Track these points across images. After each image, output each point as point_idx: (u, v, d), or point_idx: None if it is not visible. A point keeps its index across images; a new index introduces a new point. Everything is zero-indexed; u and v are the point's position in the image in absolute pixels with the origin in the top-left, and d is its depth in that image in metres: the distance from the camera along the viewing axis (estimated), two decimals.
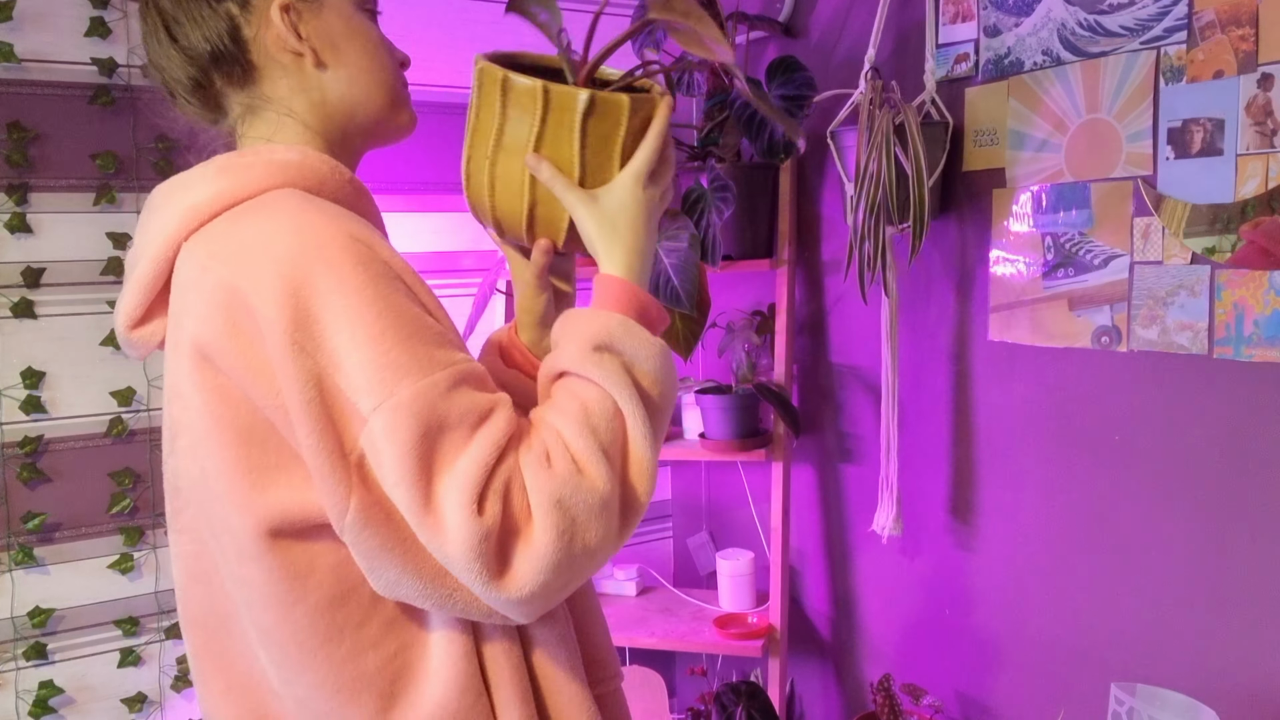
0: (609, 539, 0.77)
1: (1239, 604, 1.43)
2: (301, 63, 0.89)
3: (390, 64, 0.94)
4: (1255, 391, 1.39)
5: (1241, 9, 1.37)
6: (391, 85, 0.93)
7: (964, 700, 1.85)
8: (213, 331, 0.78)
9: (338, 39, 0.90)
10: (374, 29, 0.93)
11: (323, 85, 0.90)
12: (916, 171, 1.62)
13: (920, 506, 1.90)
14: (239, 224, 0.81)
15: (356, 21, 0.91)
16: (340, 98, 0.91)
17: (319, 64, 0.89)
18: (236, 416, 0.79)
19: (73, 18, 1.80)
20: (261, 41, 0.88)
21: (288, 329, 0.74)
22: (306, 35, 0.88)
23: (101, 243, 1.84)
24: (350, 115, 0.92)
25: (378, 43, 0.93)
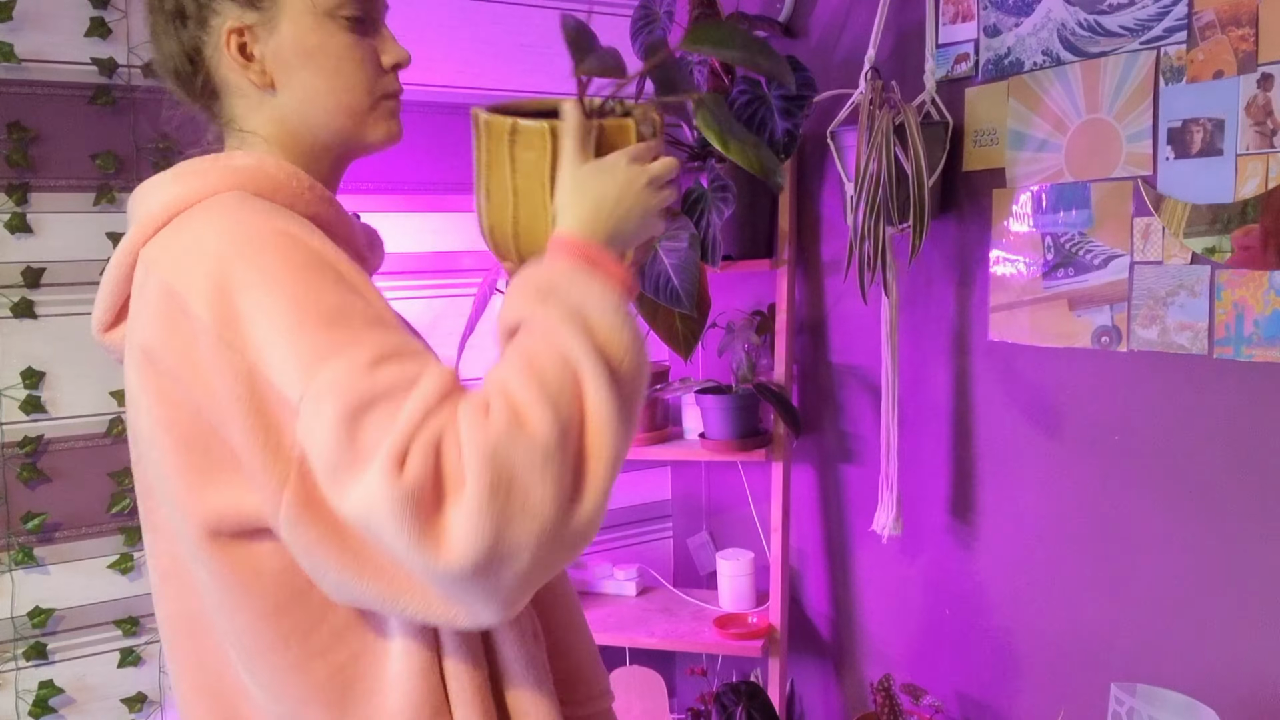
0: (558, 502, 0.68)
1: (1239, 604, 1.43)
2: (257, 89, 0.88)
3: (357, 80, 0.89)
4: (1255, 391, 1.40)
5: (1241, 9, 1.37)
6: (353, 105, 0.89)
7: (964, 700, 1.85)
8: (155, 334, 0.78)
9: (292, 59, 0.87)
10: (341, 42, 0.88)
11: (278, 106, 0.88)
12: (916, 171, 1.62)
13: (920, 506, 1.90)
14: (180, 228, 0.81)
15: (317, 38, 0.87)
16: (300, 119, 0.89)
17: (268, 86, 0.87)
18: (179, 419, 0.78)
19: (73, 18, 1.80)
20: (218, 63, 0.88)
21: (216, 327, 0.73)
22: (260, 56, 0.87)
23: (101, 243, 1.84)
24: (313, 134, 0.90)
25: (341, 58, 0.88)
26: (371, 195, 2.05)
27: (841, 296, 2.04)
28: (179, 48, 0.88)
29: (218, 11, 0.86)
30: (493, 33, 2.23)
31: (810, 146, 2.05)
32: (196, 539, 0.79)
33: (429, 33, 2.14)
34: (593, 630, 2.21)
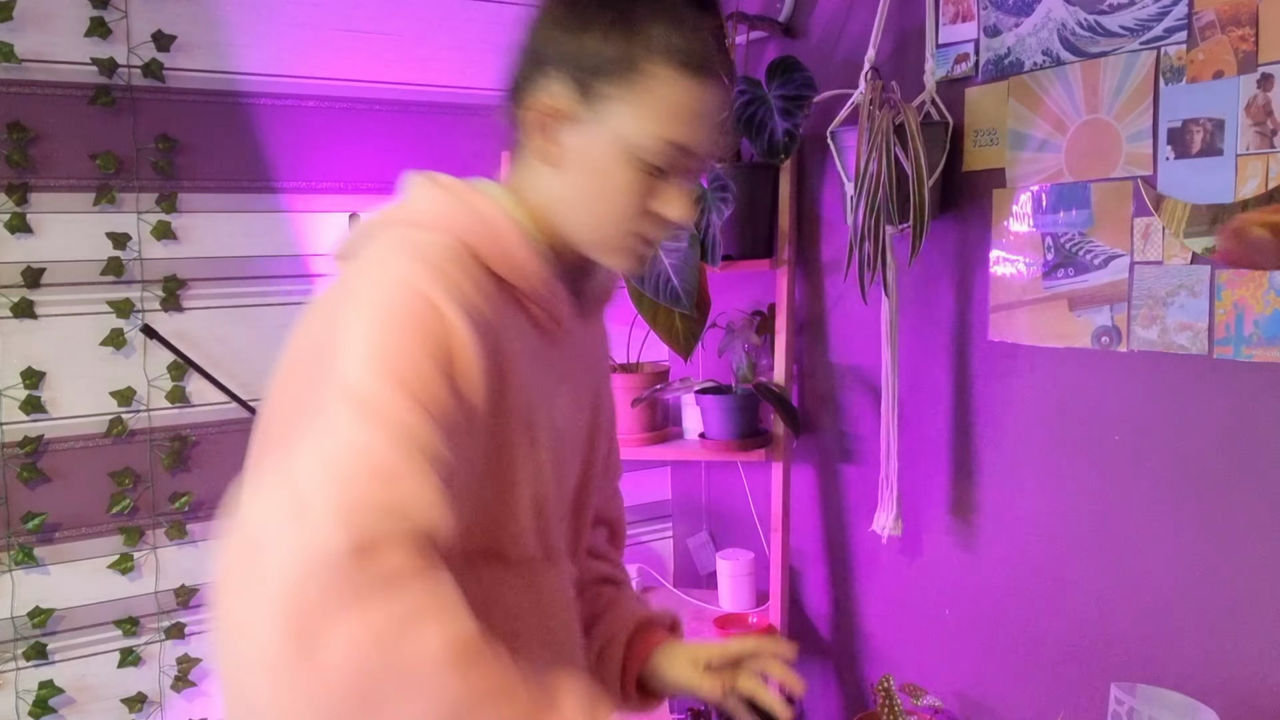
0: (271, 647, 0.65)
1: (1239, 603, 1.43)
2: (540, 153, 0.89)
3: (617, 215, 0.89)
4: (1255, 391, 1.40)
5: (1241, 9, 1.37)
6: (599, 232, 0.90)
7: (964, 700, 1.85)
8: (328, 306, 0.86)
9: (577, 161, 0.88)
10: (625, 178, 0.87)
11: (547, 180, 0.90)
12: (916, 171, 1.62)
13: (920, 506, 1.90)
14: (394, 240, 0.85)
15: (610, 164, 0.87)
16: (553, 202, 0.90)
17: (551, 165, 0.89)
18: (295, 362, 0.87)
19: (73, 18, 1.80)
20: (527, 114, 0.89)
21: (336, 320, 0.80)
22: (556, 139, 0.88)
23: (101, 243, 1.84)
24: (558, 221, 0.91)
25: (615, 191, 0.87)
26: (372, 195, 2.05)
27: (841, 296, 2.04)
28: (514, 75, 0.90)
29: (550, 76, 0.87)
30: (493, 33, 2.23)
31: (810, 146, 2.05)
32: None
33: (429, 33, 2.14)
34: None
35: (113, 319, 1.85)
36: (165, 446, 1.90)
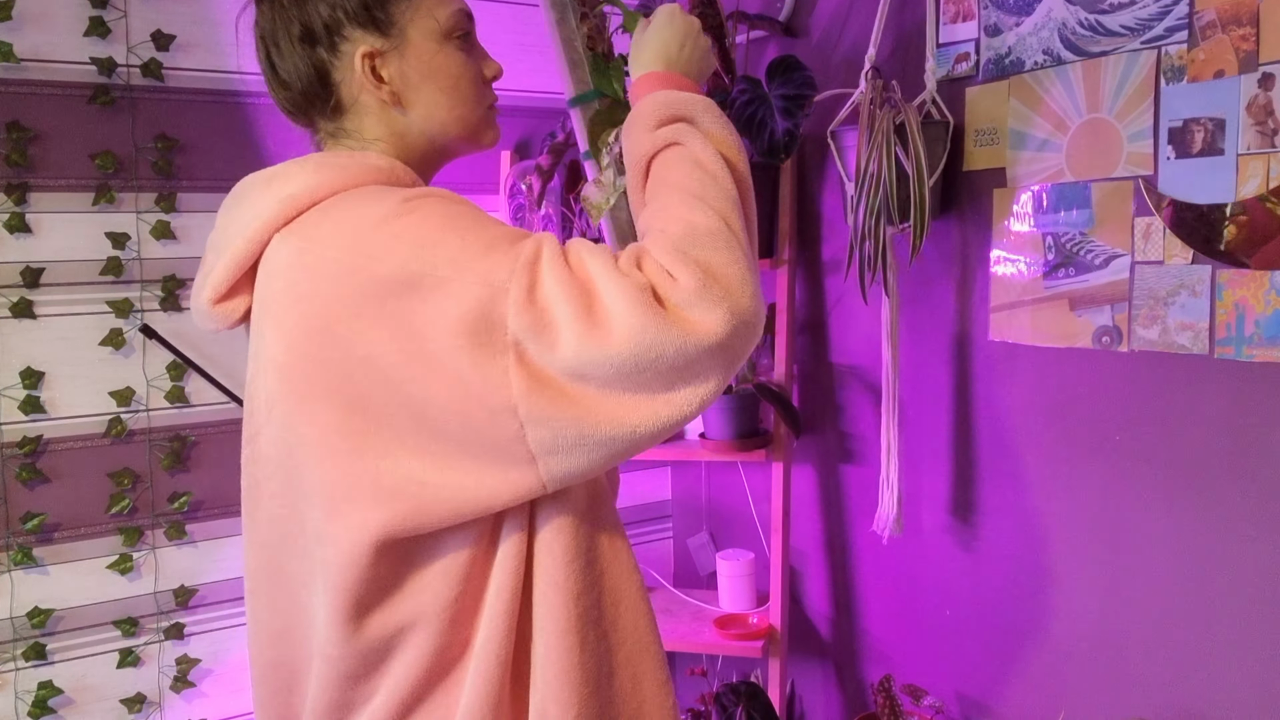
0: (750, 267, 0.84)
1: (1240, 604, 1.43)
2: (382, 102, 0.96)
3: (471, 94, 0.99)
4: (1256, 392, 1.39)
5: (1242, 8, 1.37)
6: (469, 117, 0.99)
7: (964, 700, 1.85)
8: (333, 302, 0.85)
9: (417, 80, 0.96)
10: (458, 59, 0.98)
11: (401, 120, 0.97)
12: (917, 171, 1.62)
13: (921, 506, 1.90)
14: (332, 212, 0.88)
15: (440, 58, 0.97)
16: (420, 132, 0.98)
17: (399, 105, 0.96)
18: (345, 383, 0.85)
19: (72, 17, 1.80)
20: (349, 84, 0.95)
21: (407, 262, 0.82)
22: (389, 78, 0.95)
23: (101, 242, 1.84)
24: (430, 143, 0.99)
25: (459, 75, 0.98)
26: None
27: (842, 296, 2.04)
28: (308, 68, 0.95)
29: (348, 38, 0.94)
30: (493, 32, 2.22)
31: (810, 146, 2.05)
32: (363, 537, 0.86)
33: None
34: None
35: (112, 319, 1.85)
36: (164, 447, 1.90)
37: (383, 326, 0.82)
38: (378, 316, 0.82)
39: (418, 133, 0.98)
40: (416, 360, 0.82)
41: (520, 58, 2.27)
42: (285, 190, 0.91)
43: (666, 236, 0.83)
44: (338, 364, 0.85)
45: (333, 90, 0.95)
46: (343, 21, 0.93)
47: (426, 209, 0.85)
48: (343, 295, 0.84)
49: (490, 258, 0.81)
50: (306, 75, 0.95)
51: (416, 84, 0.96)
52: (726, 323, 0.80)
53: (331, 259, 0.85)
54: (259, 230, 0.91)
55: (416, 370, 0.82)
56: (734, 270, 0.82)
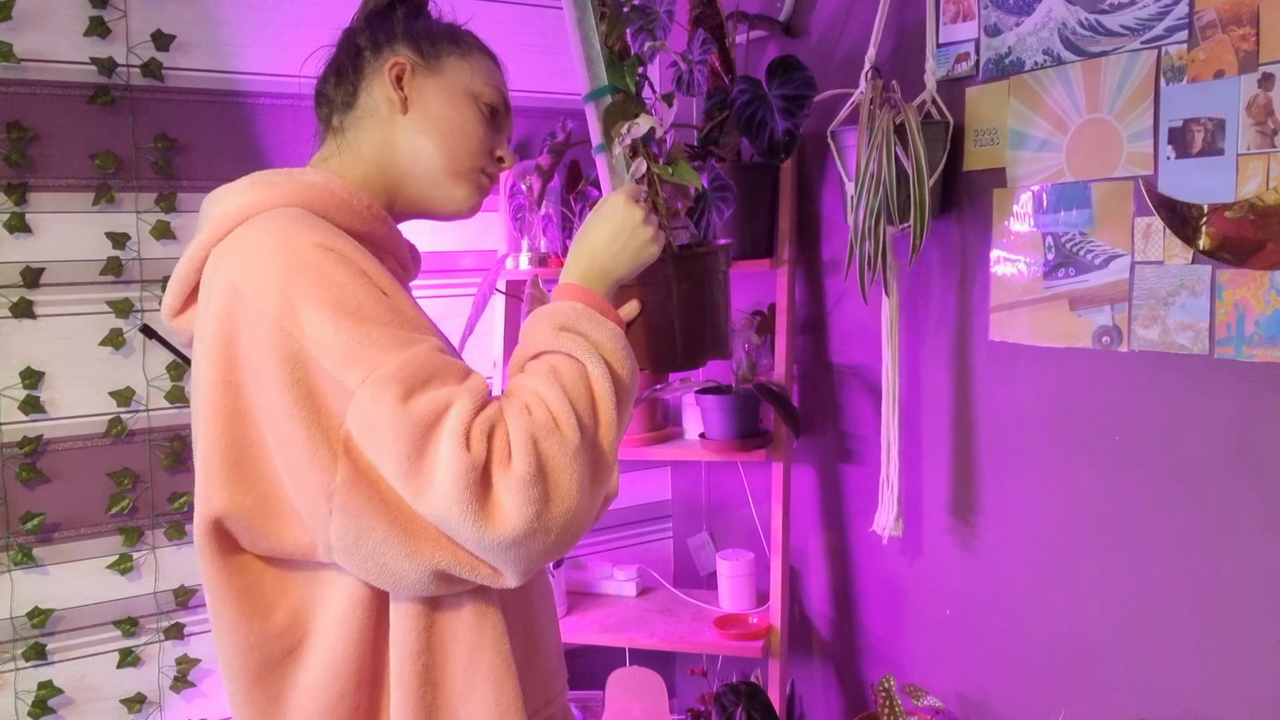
0: (582, 491, 0.85)
1: (1240, 604, 1.43)
2: (392, 109, 1.02)
3: (470, 147, 1.04)
4: (1256, 392, 1.39)
5: (1242, 8, 1.37)
6: (458, 161, 1.04)
7: (964, 700, 1.85)
8: (220, 324, 0.88)
9: (432, 102, 1.03)
10: (475, 118, 1.05)
11: (398, 130, 1.03)
12: (917, 171, 1.62)
13: (921, 506, 1.90)
14: (246, 231, 0.91)
15: (460, 107, 1.04)
16: (407, 145, 1.02)
17: (404, 110, 1.02)
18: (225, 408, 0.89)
19: (72, 17, 1.80)
20: (370, 82, 1.04)
21: (276, 316, 0.83)
22: (407, 90, 1.03)
23: (101, 242, 1.84)
24: (410, 165, 1.03)
25: (465, 130, 1.04)
26: None
27: (842, 296, 2.04)
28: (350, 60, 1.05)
29: (393, 49, 1.04)
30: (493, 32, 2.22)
31: (810, 146, 2.05)
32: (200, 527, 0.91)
33: None
34: (593, 631, 2.22)
35: (112, 319, 1.85)
36: (164, 447, 1.90)
37: (254, 361, 0.86)
38: (253, 350, 0.86)
39: (404, 146, 1.02)
40: (263, 406, 0.86)
41: (521, 58, 2.27)
42: (220, 209, 0.94)
43: (530, 418, 0.85)
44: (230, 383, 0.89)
45: (358, 81, 1.04)
46: (398, 36, 1.04)
47: (322, 273, 0.86)
48: (228, 321, 0.87)
49: (355, 353, 0.82)
50: (345, 59, 1.05)
51: (429, 105, 1.02)
52: (528, 524, 0.81)
53: (226, 281, 0.88)
54: (196, 249, 0.94)
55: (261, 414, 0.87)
56: (568, 482, 0.84)
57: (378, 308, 0.86)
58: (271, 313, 0.84)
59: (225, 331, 0.87)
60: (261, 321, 0.84)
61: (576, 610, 2.22)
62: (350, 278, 0.86)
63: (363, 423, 0.81)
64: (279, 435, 0.85)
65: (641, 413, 2.15)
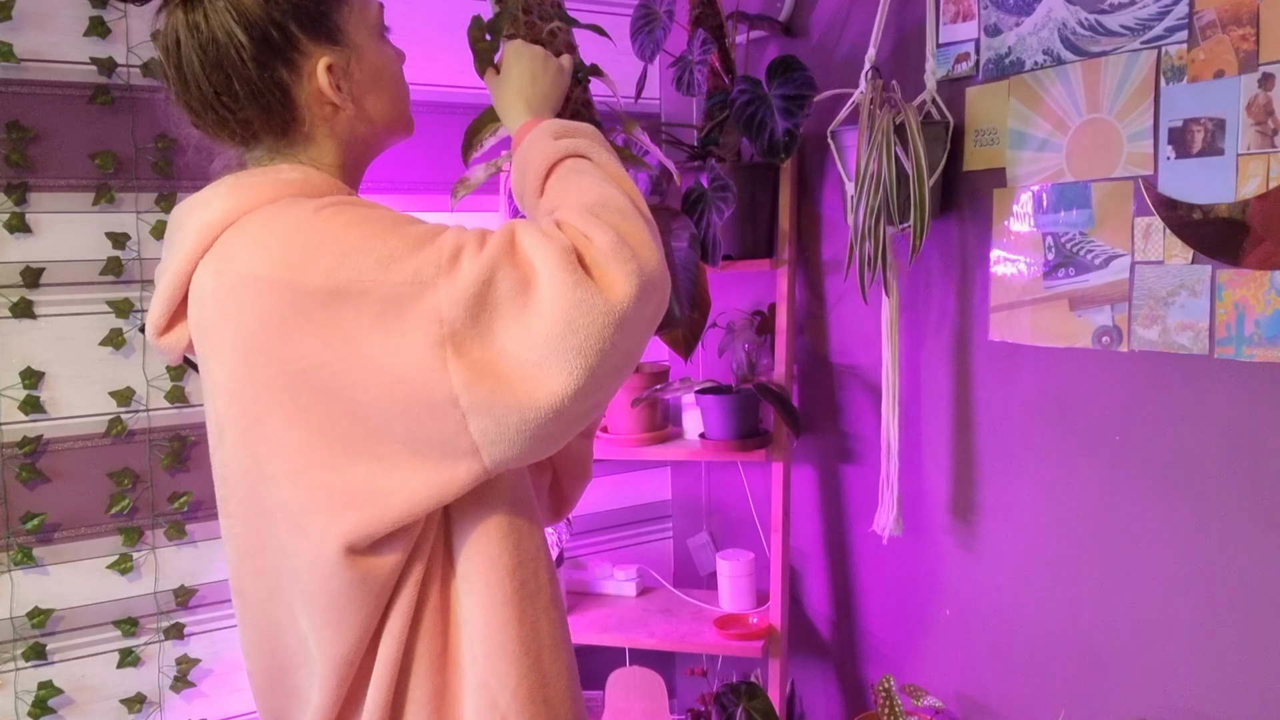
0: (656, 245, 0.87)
1: (1240, 604, 1.43)
2: (337, 111, 0.96)
3: (403, 85, 1.03)
4: (1256, 392, 1.39)
5: (1242, 8, 1.37)
6: (404, 109, 1.03)
7: (964, 700, 1.85)
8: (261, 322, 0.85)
9: (370, 81, 0.98)
10: (390, 52, 1.01)
11: (353, 126, 0.98)
12: (917, 171, 1.62)
13: (921, 506, 1.90)
14: (247, 231, 0.88)
15: (381, 58, 0.99)
16: (369, 132, 1.00)
17: (350, 110, 0.97)
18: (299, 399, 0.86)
19: (72, 17, 1.80)
20: (305, 98, 0.95)
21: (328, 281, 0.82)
22: (347, 88, 0.96)
23: (101, 242, 1.84)
24: (373, 144, 1.02)
25: (395, 71, 1.01)
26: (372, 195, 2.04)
27: (841, 296, 2.04)
28: (270, 88, 0.93)
29: (306, 53, 0.93)
30: None
31: (810, 146, 2.05)
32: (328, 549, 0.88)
33: (429, 33, 2.13)
34: (593, 631, 2.21)
35: (112, 319, 1.85)
36: (164, 447, 1.90)
37: (315, 337, 0.83)
38: (308, 328, 0.83)
39: (365, 133, 0.99)
40: (354, 366, 0.83)
41: None
42: (202, 219, 0.91)
43: (580, 203, 0.88)
44: (277, 381, 0.86)
45: (297, 111, 0.94)
46: (298, 37, 0.92)
47: (344, 216, 0.86)
48: (270, 313, 0.84)
49: (416, 256, 0.82)
50: (267, 94, 0.93)
51: (368, 86, 0.98)
52: (635, 281, 0.83)
53: (252, 278, 0.85)
54: (181, 263, 0.92)
55: (356, 376, 0.83)
56: (642, 237, 0.87)
57: (406, 218, 0.87)
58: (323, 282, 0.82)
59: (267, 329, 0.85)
60: (315, 296, 0.82)
61: (576, 610, 2.22)
62: (368, 210, 0.88)
63: (459, 305, 0.81)
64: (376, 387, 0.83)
65: (641, 413, 2.15)
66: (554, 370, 0.81)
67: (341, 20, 0.95)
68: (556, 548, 2.19)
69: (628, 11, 2.01)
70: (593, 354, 0.81)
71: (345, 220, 0.86)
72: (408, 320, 0.81)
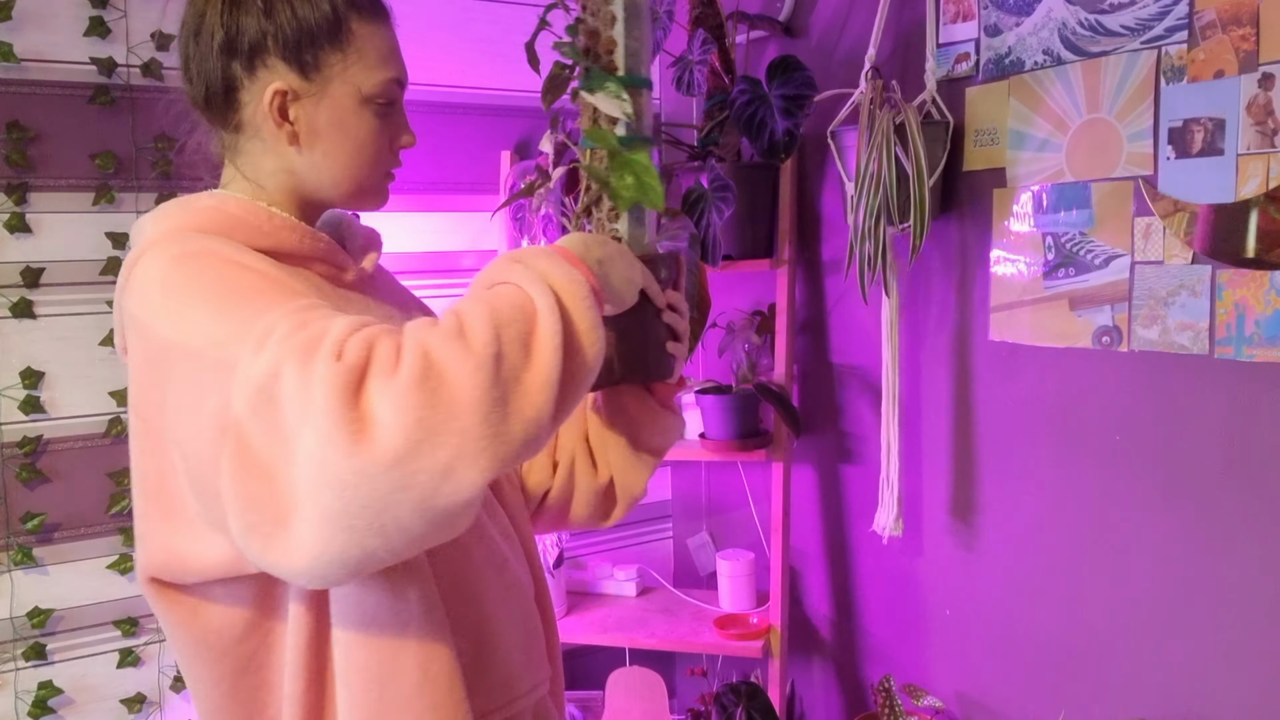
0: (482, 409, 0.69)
1: (1240, 603, 1.43)
2: (280, 137, 0.94)
3: (372, 160, 0.97)
4: (1256, 392, 1.39)
5: (1242, 9, 1.37)
6: (361, 180, 0.97)
7: (964, 700, 1.85)
8: (134, 357, 0.86)
9: (324, 130, 0.94)
10: (371, 126, 0.95)
11: (293, 161, 0.95)
12: (917, 171, 1.62)
13: (920, 506, 1.90)
14: (140, 259, 0.88)
15: (352, 119, 0.94)
16: (310, 177, 0.96)
17: (295, 144, 0.94)
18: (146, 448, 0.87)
19: (72, 17, 1.80)
20: (252, 108, 0.93)
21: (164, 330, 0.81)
22: (295, 118, 0.93)
23: (101, 242, 1.84)
24: (314, 190, 0.97)
25: (366, 141, 0.96)
26: None
27: (841, 296, 2.04)
28: (218, 77, 0.93)
29: (269, 66, 0.92)
30: (493, 32, 2.22)
31: (810, 146, 2.05)
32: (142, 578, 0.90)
33: (429, 33, 2.13)
34: (593, 631, 2.21)
35: (112, 319, 1.85)
36: None
37: (155, 387, 0.83)
38: (148, 375, 0.84)
39: (308, 177, 0.96)
40: (166, 426, 0.82)
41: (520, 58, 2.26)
42: (134, 239, 0.94)
43: (433, 329, 0.73)
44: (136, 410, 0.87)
45: (236, 108, 0.94)
46: (269, 48, 0.91)
47: (193, 270, 0.83)
48: (132, 348, 0.86)
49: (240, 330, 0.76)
50: (214, 82, 0.93)
51: (320, 133, 0.94)
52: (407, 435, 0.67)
53: (127, 309, 0.87)
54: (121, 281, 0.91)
55: (166, 436, 0.83)
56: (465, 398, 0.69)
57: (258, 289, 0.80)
58: (166, 333, 0.80)
59: (136, 368, 0.85)
60: (154, 340, 0.82)
61: (576, 610, 2.22)
62: (223, 270, 0.82)
63: (243, 388, 0.72)
64: (182, 447, 0.80)
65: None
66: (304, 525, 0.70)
67: (323, 61, 0.92)
68: (556, 548, 2.20)
69: None
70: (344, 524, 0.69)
71: (197, 275, 0.82)
72: (209, 395, 0.76)
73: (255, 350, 0.73)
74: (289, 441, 0.70)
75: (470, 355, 0.71)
